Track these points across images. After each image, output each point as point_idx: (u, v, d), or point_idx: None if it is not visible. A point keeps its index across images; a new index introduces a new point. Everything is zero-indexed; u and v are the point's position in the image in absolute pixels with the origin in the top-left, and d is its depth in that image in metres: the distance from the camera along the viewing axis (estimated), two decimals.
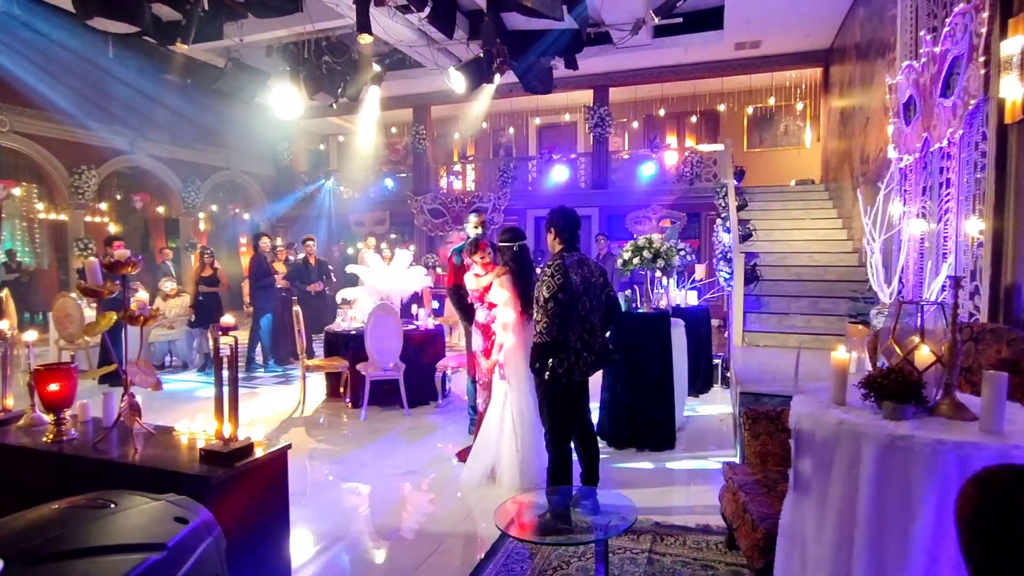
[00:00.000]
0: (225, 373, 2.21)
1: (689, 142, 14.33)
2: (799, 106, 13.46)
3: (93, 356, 7.56)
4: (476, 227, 4.97)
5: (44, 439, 2.47)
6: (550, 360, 3.37)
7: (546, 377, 3.40)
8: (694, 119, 14.12)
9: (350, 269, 6.92)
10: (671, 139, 14.59)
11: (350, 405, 6.26)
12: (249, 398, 6.59)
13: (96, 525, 1.24)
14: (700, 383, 6.71)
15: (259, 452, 2.32)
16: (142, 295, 8.05)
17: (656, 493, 4.06)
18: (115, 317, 2.51)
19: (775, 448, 3.08)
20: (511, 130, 15.52)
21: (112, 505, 1.30)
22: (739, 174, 10.45)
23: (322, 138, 17.21)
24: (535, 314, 3.42)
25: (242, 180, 14.55)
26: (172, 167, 12.65)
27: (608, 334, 3.69)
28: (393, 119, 14.95)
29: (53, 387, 2.44)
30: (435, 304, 9.71)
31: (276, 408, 6.33)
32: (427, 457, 4.79)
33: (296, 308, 6.52)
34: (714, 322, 7.91)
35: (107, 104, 10.88)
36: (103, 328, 2.49)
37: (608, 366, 3.58)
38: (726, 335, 8.00)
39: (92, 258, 2.63)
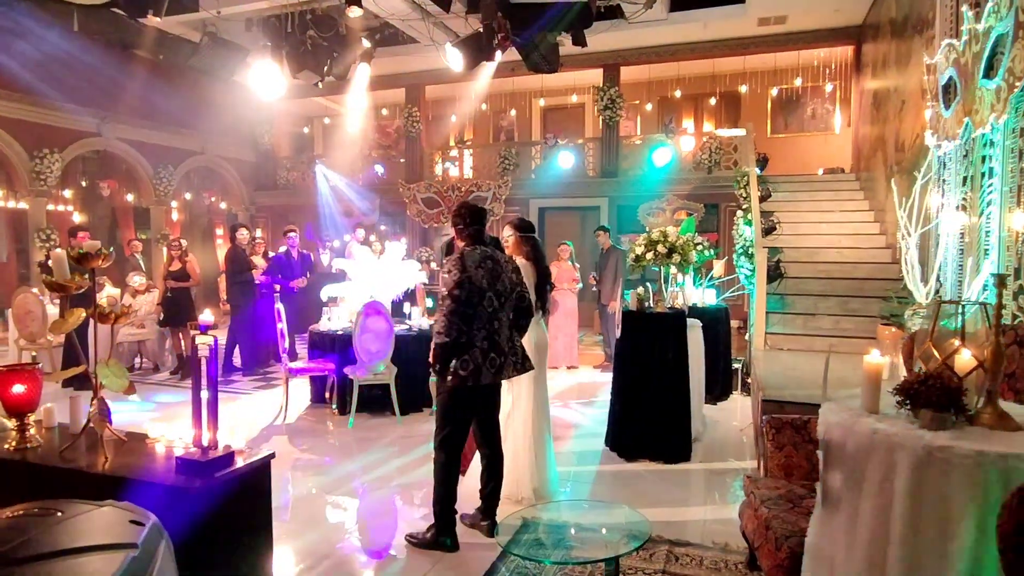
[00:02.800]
0: (203, 375, 2.23)
1: (708, 126, 14.32)
2: (828, 88, 13.44)
3: (56, 357, 7.58)
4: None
5: (6, 446, 2.48)
6: (452, 362, 3.39)
7: (448, 380, 3.41)
8: (713, 101, 14.10)
9: (337, 263, 6.93)
10: (688, 123, 14.58)
11: (337, 412, 6.28)
12: (227, 404, 6.60)
13: (59, 529, 1.30)
14: (718, 389, 6.73)
15: (240, 462, 2.34)
16: (111, 291, 8.07)
17: (670, 508, 4.08)
18: (84, 314, 2.52)
19: (801, 460, 3.09)
20: (513, 113, 15.51)
21: (59, 513, 1.36)
22: (762, 162, 10.47)
23: (306, 120, 17.19)
24: (436, 313, 3.48)
25: (219, 166, 14.55)
26: (142, 151, 12.64)
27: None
28: (384, 100, 14.94)
29: (16, 390, 2.45)
30: (429, 302, 9.72)
31: (256, 415, 6.35)
32: (421, 469, 4.79)
33: (278, 305, 6.53)
34: (734, 323, 7.92)
35: (71, 82, 10.86)
36: (72, 326, 2.50)
37: (522, 373, 3.65)
38: (747, 337, 8.02)
39: (59, 250, 2.64)
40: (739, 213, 8.41)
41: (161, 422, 2.73)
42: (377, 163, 14.81)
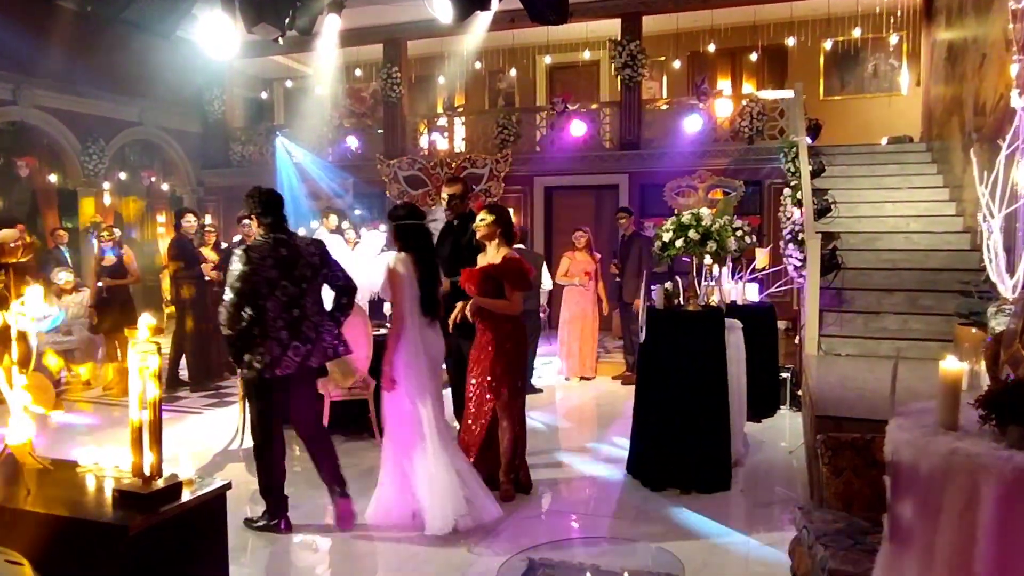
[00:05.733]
0: (144, 391, 2.22)
1: (748, 87, 14.29)
2: (893, 40, 13.41)
3: None
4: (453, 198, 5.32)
5: None
6: (246, 355, 3.95)
7: (245, 373, 3.98)
8: (754, 57, 14.05)
9: None
10: (724, 84, 14.54)
11: None
12: (173, 424, 6.61)
13: None
14: (763, 404, 6.73)
15: (188, 494, 2.34)
16: (36, 289, 8.06)
17: (706, 546, 4.07)
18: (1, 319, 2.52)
19: (863, 487, 3.09)
20: (513, 72, 15.48)
21: None
22: (814, 129, 10.44)
23: (264, 84, 17.17)
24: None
25: (160, 139, 14.54)
26: (67, 123, 12.63)
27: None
28: (358, 58, 14.91)
29: None
30: None
31: (208, 438, 6.34)
32: None
33: None
34: (780, 324, 7.92)
35: None
36: None
37: (336, 358, 4.32)
38: (796, 341, 8.01)
39: None
40: (786, 191, 8.40)
41: (93, 446, 2.74)
42: (350, 134, 14.78)
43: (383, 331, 6.49)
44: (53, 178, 13.13)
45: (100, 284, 8.12)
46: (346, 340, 4.31)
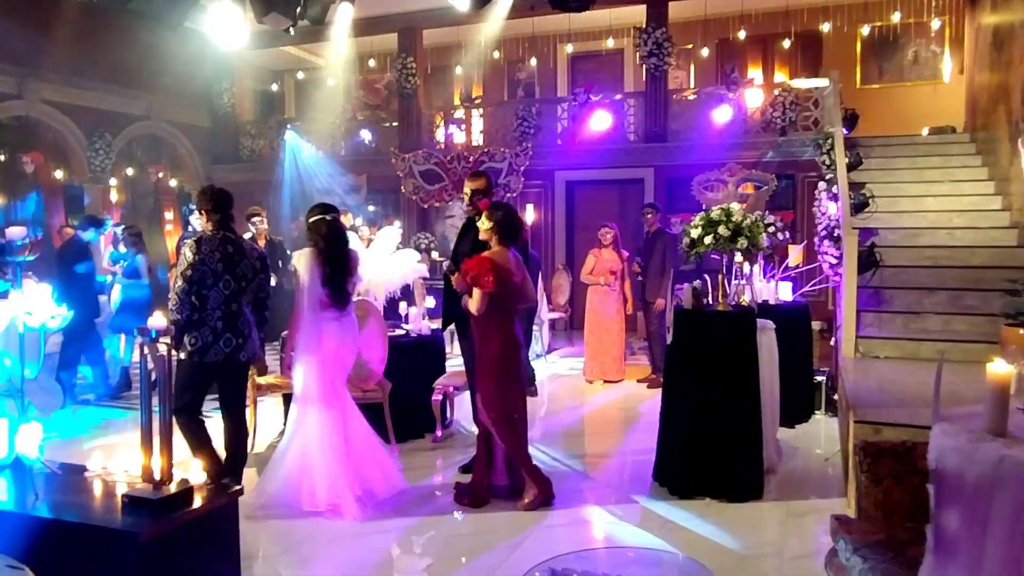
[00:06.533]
0: (155, 393, 2.25)
1: (780, 76, 14.20)
2: (934, 25, 13.27)
3: None
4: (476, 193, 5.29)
5: None
6: (185, 337, 4.42)
7: (182, 356, 4.39)
8: (787, 44, 13.96)
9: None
10: (754, 72, 14.47)
11: None
12: (177, 430, 6.66)
13: None
14: (797, 409, 6.70)
15: (200, 500, 2.36)
16: (43, 287, 8.18)
17: (737, 558, 4.06)
18: (14, 318, 2.56)
19: (904, 496, 3.06)
20: (533, 62, 15.47)
21: None
22: (850, 120, 10.36)
23: (275, 76, 17.30)
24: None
25: (167, 134, 14.68)
26: (74, 117, 12.78)
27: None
28: (372, 48, 14.97)
29: None
30: (431, 301, 9.74)
31: (215, 443, 6.39)
32: (423, 507, 4.82)
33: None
34: (815, 325, 7.88)
35: None
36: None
37: (251, 359, 4.72)
38: (832, 343, 7.96)
39: None
40: (821, 185, 8.35)
41: (102, 451, 2.77)
42: (363, 128, 14.86)
43: (399, 332, 6.55)
44: (59, 174, 13.29)
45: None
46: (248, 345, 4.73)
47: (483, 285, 4.57)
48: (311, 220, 4.94)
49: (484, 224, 4.78)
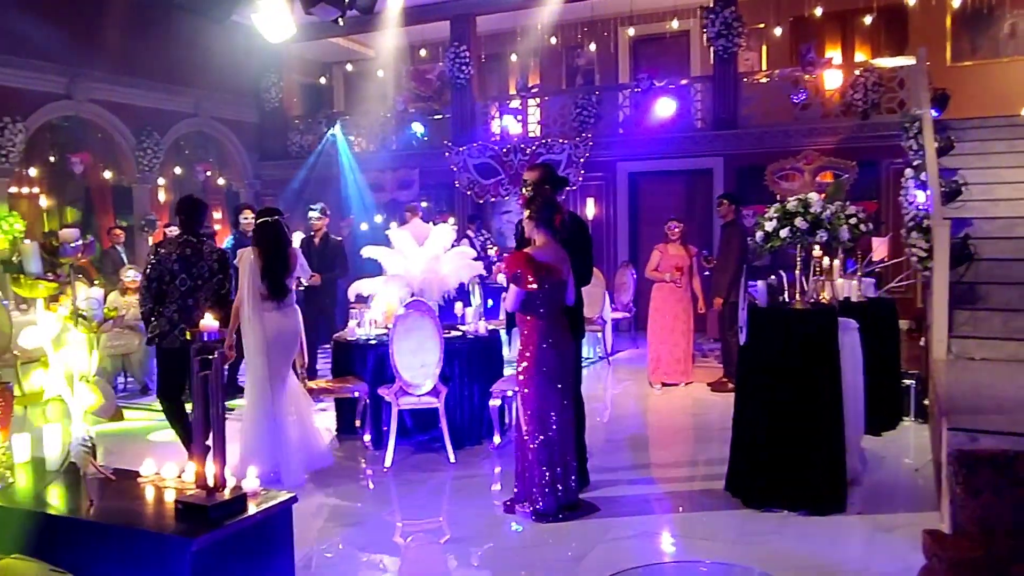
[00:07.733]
0: (208, 397, 2.32)
1: (861, 55, 13.91)
2: None
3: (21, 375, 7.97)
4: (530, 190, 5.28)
5: None
6: (148, 325, 5.49)
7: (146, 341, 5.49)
8: (868, 20, 13.66)
9: (366, 253, 7.06)
10: (833, 52, 14.19)
11: (371, 445, 6.41)
12: (233, 434, 6.82)
13: None
14: (883, 415, 6.60)
15: (254, 507, 2.42)
16: (95, 291, 8.46)
17: (818, 575, 4.00)
18: (72, 322, 2.66)
19: (1004, 510, 3.01)
20: (592, 47, 15.43)
21: None
22: (940, 101, 10.08)
23: (324, 68, 17.60)
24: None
25: (215, 130, 15.06)
26: (122, 116, 13.18)
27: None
28: (423, 38, 15.13)
29: None
30: (488, 301, 9.81)
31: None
32: (480, 519, 4.86)
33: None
34: (902, 324, 7.72)
35: (33, 33, 11.44)
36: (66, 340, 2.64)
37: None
38: (922, 343, 7.78)
39: (28, 242, 2.80)
40: (908, 172, 8.16)
41: (154, 456, 2.86)
42: (415, 120, 15.02)
43: (454, 333, 6.59)
44: (108, 174, 13.72)
45: None
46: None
47: (521, 282, 4.59)
48: (257, 221, 5.78)
49: (525, 216, 4.89)
